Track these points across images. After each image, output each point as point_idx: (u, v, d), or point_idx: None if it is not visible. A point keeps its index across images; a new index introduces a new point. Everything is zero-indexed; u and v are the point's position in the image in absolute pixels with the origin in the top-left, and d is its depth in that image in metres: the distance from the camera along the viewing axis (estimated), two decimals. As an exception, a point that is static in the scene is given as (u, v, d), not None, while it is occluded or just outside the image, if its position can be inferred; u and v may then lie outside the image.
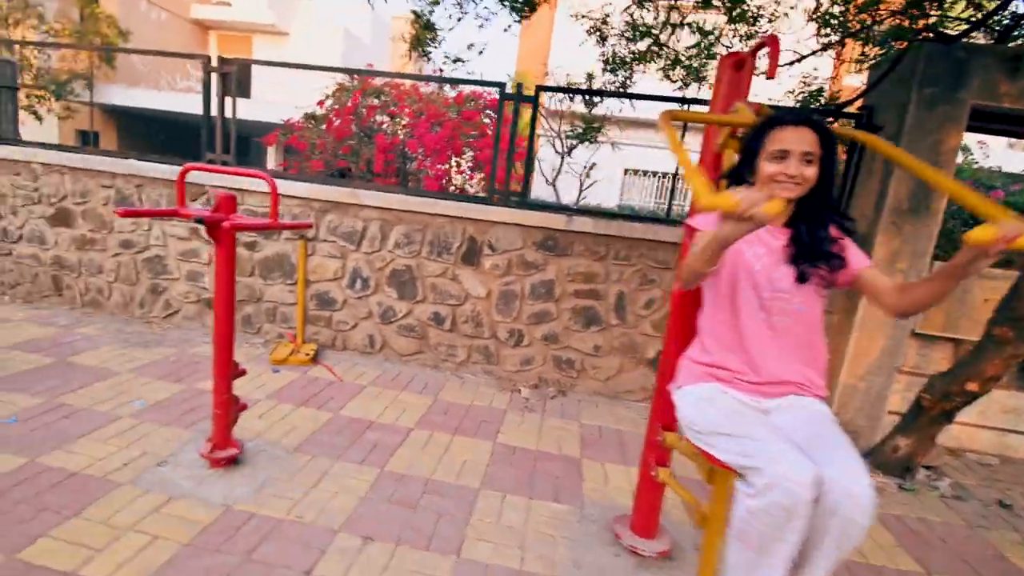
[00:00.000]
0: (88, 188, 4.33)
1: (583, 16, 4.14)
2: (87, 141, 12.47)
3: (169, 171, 4.13)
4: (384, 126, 8.14)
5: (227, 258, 2.41)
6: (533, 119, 3.84)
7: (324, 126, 8.15)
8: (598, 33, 4.39)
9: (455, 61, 4.25)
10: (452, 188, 8.11)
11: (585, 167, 7.42)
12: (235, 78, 4.13)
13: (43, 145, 4.56)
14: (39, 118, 10.70)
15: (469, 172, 7.77)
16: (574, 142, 5.93)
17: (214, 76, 4.08)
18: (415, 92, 8.27)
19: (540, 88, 3.78)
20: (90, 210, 4.36)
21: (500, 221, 3.73)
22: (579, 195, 8.40)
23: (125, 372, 3.43)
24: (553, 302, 3.78)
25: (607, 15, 4.31)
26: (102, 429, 2.73)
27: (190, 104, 11.50)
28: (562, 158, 7.52)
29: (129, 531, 2.06)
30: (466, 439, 3.03)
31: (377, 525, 2.21)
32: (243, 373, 2.65)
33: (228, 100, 4.13)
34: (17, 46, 8.87)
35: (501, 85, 3.86)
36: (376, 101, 8.11)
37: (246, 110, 11.94)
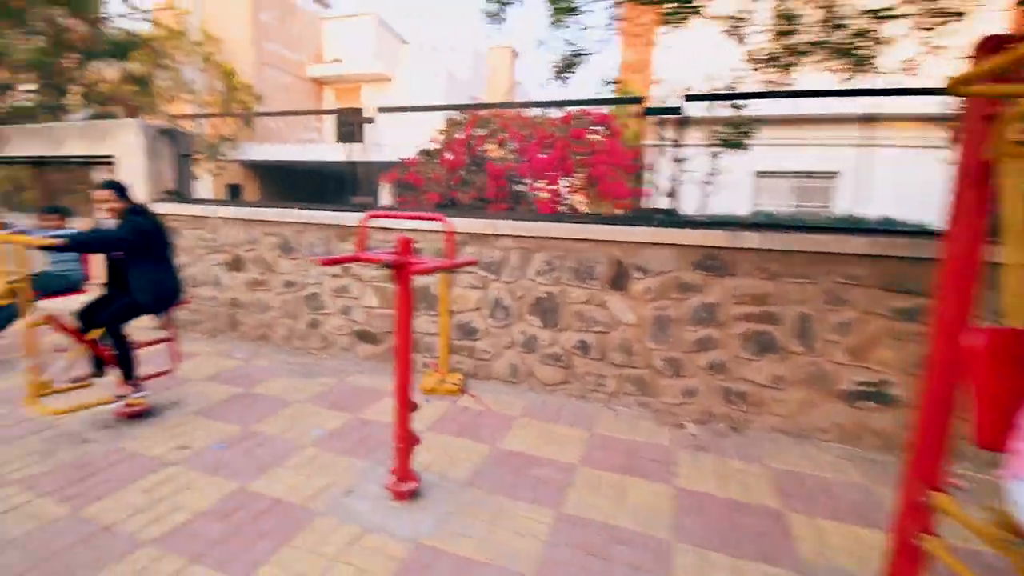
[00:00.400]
0: (256, 236, 4.91)
1: (722, 17, 3.96)
2: (235, 193, 14.46)
3: (324, 217, 4.56)
4: (491, 154, 8.44)
5: (408, 297, 2.54)
6: (676, 131, 3.70)
7: (438, 160, 8.64)
8: (736, 33, 4.17)
9: (607, 84, 4.28)
10: (562, 208, 8.13)
11: (710, 174, 7.06)
12: (360, 126, 4.53)
13: (220, 202, 5.29)
14: (195, 177, 12.63)
15: (580, 190, 7.76)
16: (717, 150, 5.66)
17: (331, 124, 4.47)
18: (520, 118, 8.51)
19: (690, 97, 3.64)
20: (258, 256, 4.94)
21: (650, 242, 3.61)
22: (702, 204, 7.99)
23: (300, 401, 3.76)
24: (717, 327, 3.54)
25: (747, 12, 4.08)
26: (292, 457, 2.99)
27: (311, 153, 12.90)
28: (713, 167, 7.23)
29: (337, 562, 2.18)
30: (638, 480, 2.88)
31: None
32: (417, 408, 2.77)
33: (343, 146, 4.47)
34: (183, 118, 10.56)
35: (638, 100, 3.79)
36: (483, 131, 8.45)
37: (359, 154, 13.13)
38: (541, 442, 3.27)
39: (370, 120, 4.57)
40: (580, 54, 3.83)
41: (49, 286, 4.50)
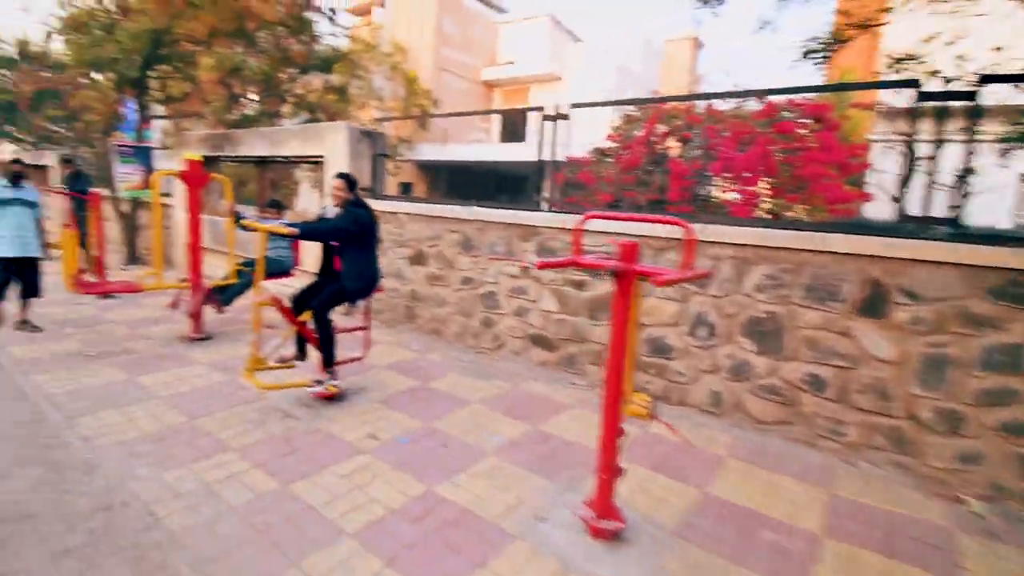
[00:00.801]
0: (439, 233, 5.05)
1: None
2: (406, 191, 15.85)
3: (506, 216, 4.50)
4: (672, 151, 7.83)
5: (628, 310, 2.22)
6: (967, 123, 2.85)
7: (612, 158, 8.28)
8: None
9: (899, 61, 3.58)
10: (759, 213, 7.21)
11: (960, 175, 5.63)
12: (557, 125, 4.34)
13: (408, 199, 5.59)
14: (390, 174, 14.06)
15: (789, 192, 6.77)
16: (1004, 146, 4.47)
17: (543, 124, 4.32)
18: (712, 112, 7.77)
19: (987, 79, 2.79)
20: (439, 252, 5.07)
21: (924, 259, 2.81)
22: (955, 210, 6.52)
23: (475, 402, 3.68)
24: (1019, 376, 2.63)
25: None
26: (475, 464, 2.86)
27: (478, 154, 13.49)
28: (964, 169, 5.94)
29: (540, 603, 1.93)
30: (912, 570, 2.18)
31: None
32: (624, 435, 2.44)
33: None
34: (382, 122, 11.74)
35: (914, 83, 3.02)
36: (666, 127, 7.87)
37: (519, 153, 13.36)
38: (763, 495, 2.70)
39: (564, 117, 4.39)
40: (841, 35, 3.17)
41: (266, 269, 5.12)
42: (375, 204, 5.53)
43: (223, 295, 4.94)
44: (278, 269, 5.20)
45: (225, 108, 8.27)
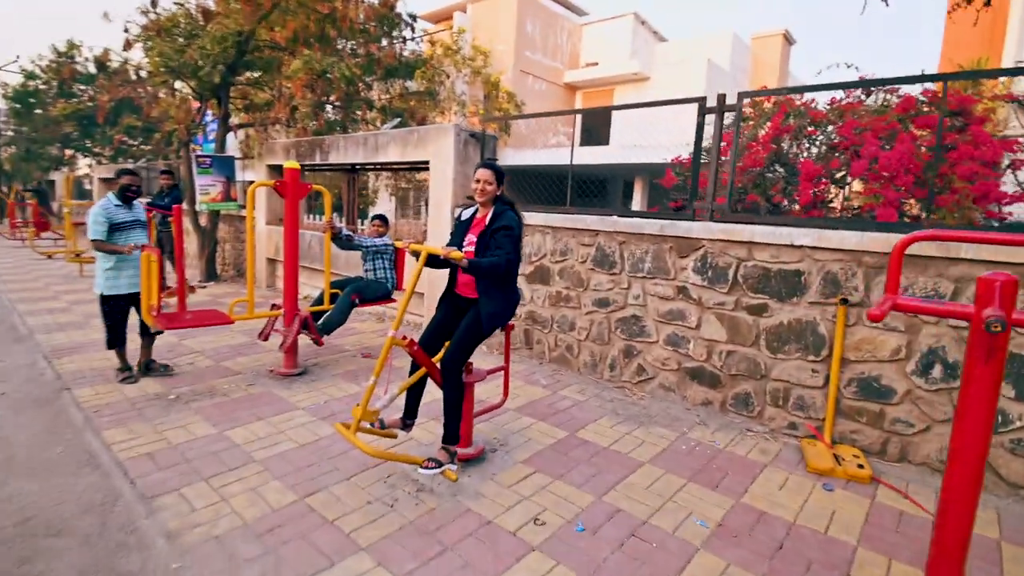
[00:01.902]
0: (568, 246, 4.67)
1: None
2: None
3: (656, 226, 4.06)
4: (797, 151, 7.19)
5: (995, 374, 1.65)
6: None
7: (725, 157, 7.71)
8: None
9: None
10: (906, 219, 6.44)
11: None
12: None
13: (527, 207, 5.25)
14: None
15: (938, 194, 6.01)
16: None
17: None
18: (843, 106, 7.09)
19: None
20: (568, 267, 4.69)
21: None
22: None
23: (645, 461, 3.20)
24: None
25: None
26: (691, 568, 2.29)
27: (555, 157, 13.17)
28: None
29: None
30: None
31: None
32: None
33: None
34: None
35: None
36: (791, 122, 7.24)
37: (603, 155, 12.97)
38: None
39: (732, 108, 3.93)
40: None
41: (369, 292, 4.88)
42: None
43: (323, 325, 4.64)
44: (382, 292, 4.97)
45: (311, 114, 8.30)
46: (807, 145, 7.57)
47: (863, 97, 7.19)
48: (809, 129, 7.63)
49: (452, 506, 2.68)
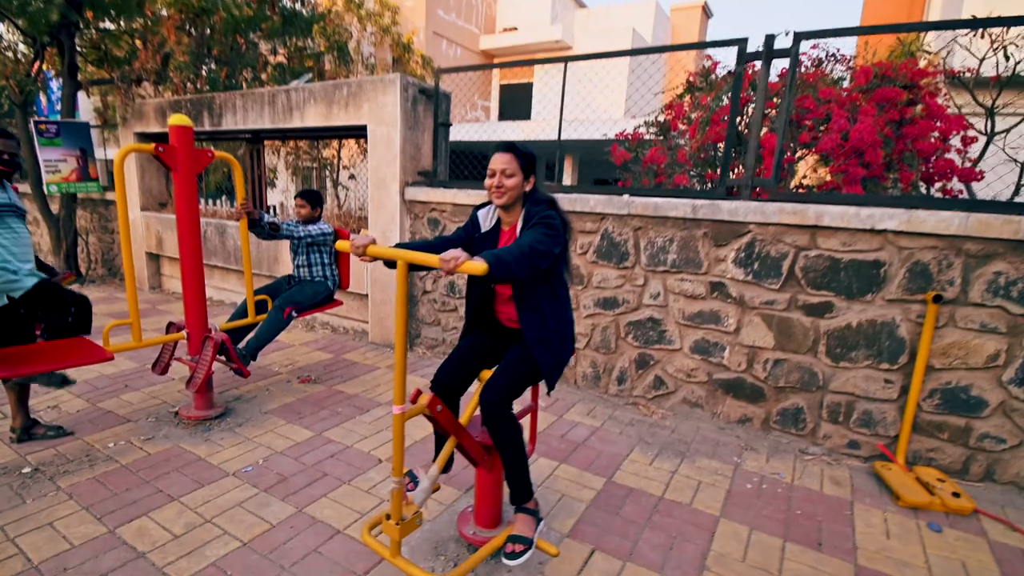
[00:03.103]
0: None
1: None
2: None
3: (682, 208, 3.25)
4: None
5: None
6: None
7: (683, 132, 7.14)
8: None
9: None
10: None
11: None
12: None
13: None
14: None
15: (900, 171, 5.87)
16: None
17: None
18: (806, 77, 6.75)
19: None
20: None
21: None
22: (1015, 192, 5.90)
23: (719, 516, 2.43)
24: None
25: None
26: None
27: (472, 133, 12.02)
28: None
29: None
30: None
31: None
32: None
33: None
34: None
35: None
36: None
37: (533, 131, 12.05)
38: None
39: (783, 53, 3.17)
40: None
41: (305, 298, 3.65)
42: (443, 195, 4.16)
43: (248, 349, 3.35)
44: (323, 295, 3.76)
45: (190, 66, 6.43)
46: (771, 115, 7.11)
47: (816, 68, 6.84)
48: (768, 102, 7.18)
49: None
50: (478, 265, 1.56)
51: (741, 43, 3.25)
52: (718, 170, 5.68)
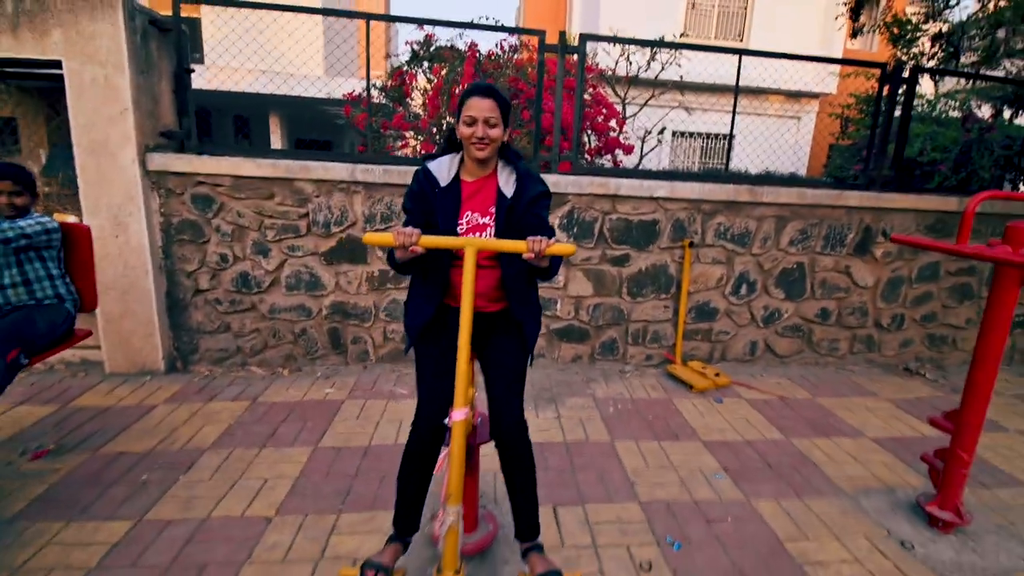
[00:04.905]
0: (394, 208, 3.37)
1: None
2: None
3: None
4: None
5: (1009, 298, 2.08)
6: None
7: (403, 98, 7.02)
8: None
9: None
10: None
11: (649, 132, 7.48)
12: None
13: (334, 155, 3.46)
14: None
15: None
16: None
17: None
18: (516, 61, 7.43)
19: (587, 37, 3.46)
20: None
21: (897, 208, 3.80)
22: (639, 161, 8.56)
23: (613, 440, 2.87)
24: (935, 284, 4.01)
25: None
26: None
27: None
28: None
29: None
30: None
31: None
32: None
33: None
34: None
35: (540, 32, 3.85)
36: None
37: (209, 79, 9.66)
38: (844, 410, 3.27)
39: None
40: None
41: (36, 334, 2.26)
42: (209, 165, 3.18)
43: None
44: (62, 325, 2.41)
45: None
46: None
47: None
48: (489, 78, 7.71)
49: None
50: (567, 247, 1.39)
51: (541, 34, 3.47)
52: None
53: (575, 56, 3.58)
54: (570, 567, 1.86)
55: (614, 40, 3.67)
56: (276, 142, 10.91)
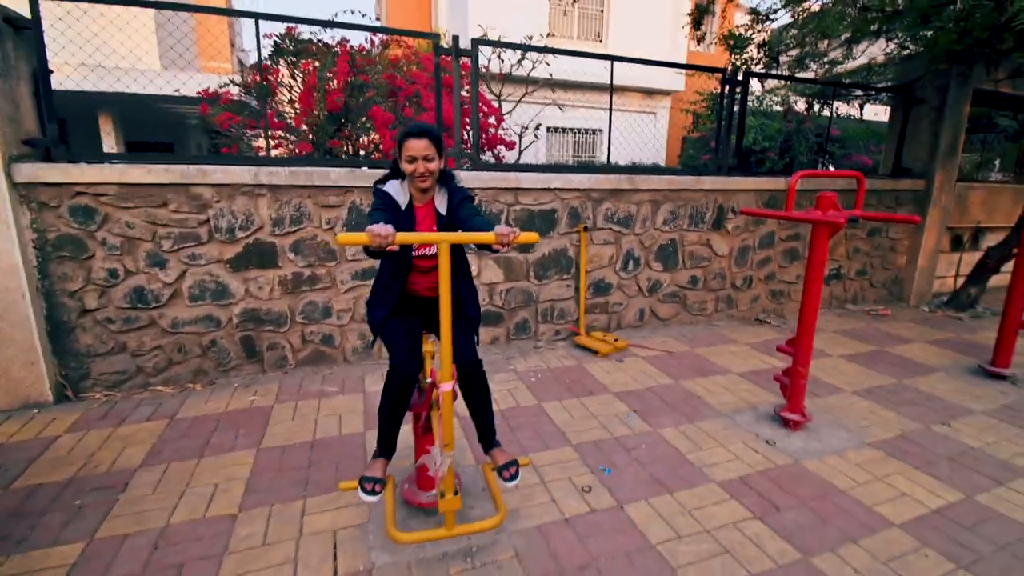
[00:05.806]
0: (304, 210, 3.46)
1: None
2: None
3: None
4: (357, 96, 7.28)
5: (822, 251, 2.87)
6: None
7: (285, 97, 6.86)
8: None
9: None
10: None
11: (526, 128, 8.18)
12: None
13: (235, 158, 3.40)
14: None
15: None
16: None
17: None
18: (391, 57, 7.55)
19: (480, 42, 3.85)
20: (306, 240, 3.51)
21: (741, 189, 4.73)
22: (519, 156, 9.27)
23: (540, 402, 3.31)
24: (772, 249, 5.05)
25: None
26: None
27: None
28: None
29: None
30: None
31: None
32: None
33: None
34: None
35: (434, 36, 4.74)
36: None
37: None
38: (742, 360, 4.12)
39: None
40: None
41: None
42: (91, 174, 3.06)
43: None
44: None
45: None
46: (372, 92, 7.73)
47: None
48: (363, 75, 7.79)
49: None
50: (532, 236, 1.78)
51: (434, 37, 3.78)
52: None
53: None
54: (526, 502, 2.25)
55: (507, 46, 4.09)
56: (110, 145, 9.80)
